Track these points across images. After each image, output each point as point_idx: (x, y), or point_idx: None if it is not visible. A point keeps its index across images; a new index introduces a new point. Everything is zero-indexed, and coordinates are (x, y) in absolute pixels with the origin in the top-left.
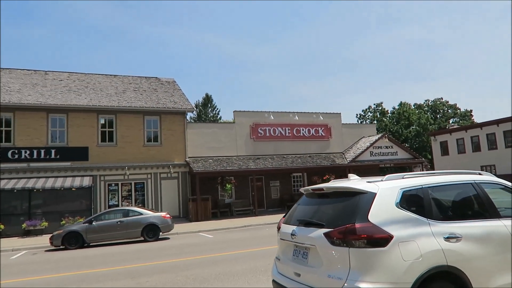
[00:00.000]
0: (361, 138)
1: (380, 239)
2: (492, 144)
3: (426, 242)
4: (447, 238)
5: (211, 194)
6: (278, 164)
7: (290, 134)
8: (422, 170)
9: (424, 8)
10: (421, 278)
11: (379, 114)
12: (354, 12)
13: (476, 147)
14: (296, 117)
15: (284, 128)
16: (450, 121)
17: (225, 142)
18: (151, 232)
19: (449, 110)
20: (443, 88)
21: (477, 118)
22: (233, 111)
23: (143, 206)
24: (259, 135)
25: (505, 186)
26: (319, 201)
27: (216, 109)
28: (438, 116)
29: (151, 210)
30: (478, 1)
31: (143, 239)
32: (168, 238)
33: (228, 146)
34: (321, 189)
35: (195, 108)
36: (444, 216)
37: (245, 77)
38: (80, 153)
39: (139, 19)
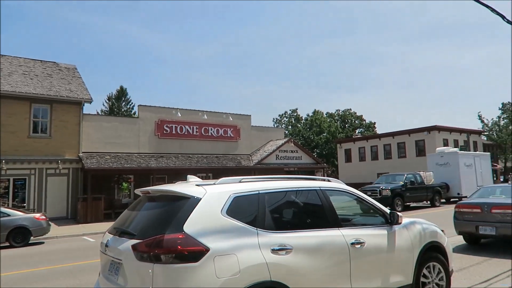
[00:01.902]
0: (269, 142)
1: (192, 253)
2: (388, 154)
3: (249, 255)
4: (275, 251)
5: (107, 194)
6: (182, 163)
7: (198, 133)
8: (324, 175)
9: (343, 23)
10: None
11: (294, 120)
12: (276, 23)
13: (375, 156)
14: (205, 116)
15: (191, 127)
16: (357, 131)
17: (126, 137)
18: (19, 236)
19: (356, 121)
20: (352, 100)
21: (380, 130)
22: (138, 105)
23: (20, 206)
24: (164, 132)
25: (353, 194)
26: (146, 206)
27: (131, 103)
28: (346, 125)
29: (23, 210)
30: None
31: (8, 244)
32: (42, 243)
33: (130, 142)
34: (148, 192)
35: (91, 99)
36: (278, 226)
37: (168, 74)
38: None
39: (62, 4)
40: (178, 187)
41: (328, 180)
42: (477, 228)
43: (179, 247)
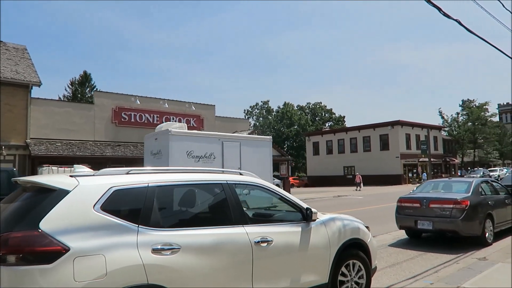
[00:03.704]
0: (234, 132)
1: (45, 253)
2: (354, 148)
3: (121, 255)
4: (157, 250)
5: None
6: (140, 152)
7: (158, 122)
8: (288, 168)
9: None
10: None
11: (265, 112)
12: (256, 11)
13: (342, 149)
14: (166, 104)
15: (152, 115)
16: (327, 124)
17: (80, 124)
18: None
19: (326, 114)
20: (323, 92)
21: (349, 124)
22: (94, 92)
23: None
24: (122, 120)
25: (265, 188)
26: (17, 198)
27: (95, 88)
28: (316, 118)
29: None
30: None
31: None
32: None
33: (85, 129)
34: (17, 182)
35: (41, 82)
36: (168, 223)
37: (135, 61)
38: None
39: None
40: (46, 178)
41: (240, 174)
42: (416, 223)
43: (30, 246)
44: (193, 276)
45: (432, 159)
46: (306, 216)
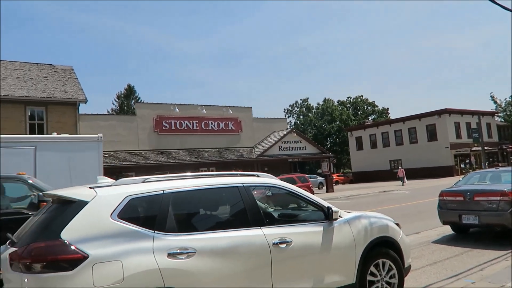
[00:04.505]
0: (272, 133)
1: (66, 261)
2: (399, 140)
3: (138, 260)
4: (172, 254)
5: None
6: (182, 158)
7: (198, 128)
8: (329, 165)
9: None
10: None
11: (305, 110)
12: (283, 12)
13: (386, 143)
14: (204, 110)
15: (191, 122)
16: (370, 118)
17: (124, 135)
18: None
19: (368, 107)
20: (364, 86)
21: (393, 116)
22: (135, 103)
23: None
24: (163, 128)
25: (284, 189)
26: (45, 211)
27: (140, 100)
28: (358, 112)
29: None
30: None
31: None
32: None
33: (129, 140)
34: (46, 195)
35: (86, 99)
36: (183, 228)
37: (173, 71)
38: None
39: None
40: (68, 190)
41: (257, 176)
42: (460, 217)
43: (52, 255)
44: (209, 278)
45: (486, 148)
46: (327, 215)
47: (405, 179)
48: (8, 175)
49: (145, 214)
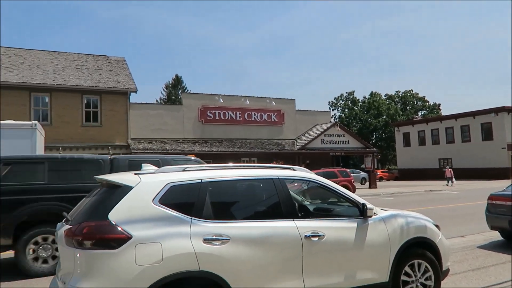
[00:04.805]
0: (315, 126)
1: (112, 240)
2: (450, 138)
3: (176, 244)
4: (207, 240)
5: None
6: (225, 148)
7: (241, 118)
8: (373, 160)
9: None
10: (159, 283)
11: (350, 103)
12: (332, 3)
13: (436, 140)
14: (248, 101)
15: (235, 112)
16: (419, 114)
17: (171, 124)
18: None
19: (418, 103)
20: (414, 80)
21: (445, 112)
22: (181, 93)
23: None
24: (208, 118)
25: (318, 183)
26: (95, 194)
27: (187, 90)
28: (407, 107)
29: None
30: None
31: None
32: None
33: (175, 128)
34: (97, 179)
35: (137, 89)
36: (219, 215)
37: (218, 62)
38: None
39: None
40: (116, 176)
41: (293, 169)
42: (510, 223)
43: (100, 234)
44: (242, 265)
45: None
46: (362, 212)
47: (453, 179)
48: None
49: (184, 201)
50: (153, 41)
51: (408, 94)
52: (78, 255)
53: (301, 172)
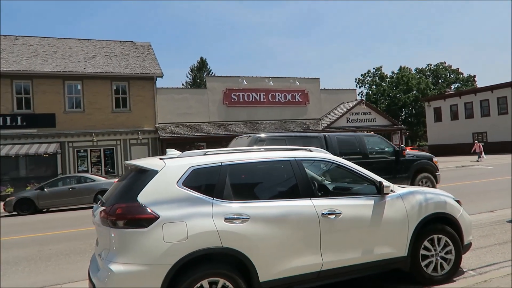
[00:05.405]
0: (340, 104)
1: (142, 220)
2: (485, 111)
3: (199, 223)
4: (228, 219)
5: None
6: (249, 130)
7: (265, 100)
8: (401, 137)
9: None
10: (185, 259)
11: (378, 79)
12: None
13: (470, 114)
14: (271, 82)
15: (258, 94)
16: (452, 87)
17: (196, 108)
18: None
19: (451, 75)
20: (447, 52)
21: (481, 84)
22: (205, 76)
23: (112, 173)
24: (232, 100)
25: (335, 163)
26: (125, 178)
27: (211, 73)
28: (439, 81)
29: (105, 176)
30: None
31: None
32: None
33: (200, 112)
34: (127, 164)
35: (162, 73)
36: (238, 196)
37: (243, 42)
38: (47, 120)
39: None
40: (142, 161)
41: (310, 150)
42: None
43: (131, 214)
44: (261, 242)
45: None
46: (379, 189)
47: (483, 154)
48: None
49: (206, 183)
50: (177, 24)
51: (441, 67)
52: (113, 234)
53: (318, 153)
